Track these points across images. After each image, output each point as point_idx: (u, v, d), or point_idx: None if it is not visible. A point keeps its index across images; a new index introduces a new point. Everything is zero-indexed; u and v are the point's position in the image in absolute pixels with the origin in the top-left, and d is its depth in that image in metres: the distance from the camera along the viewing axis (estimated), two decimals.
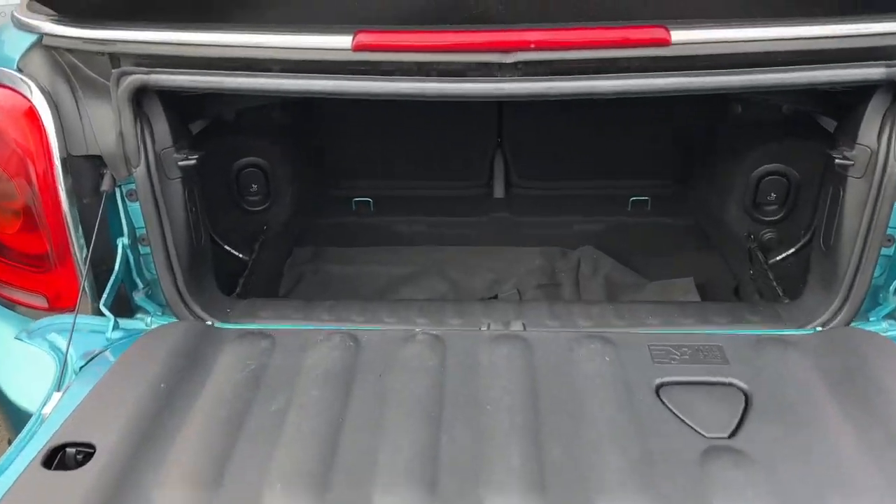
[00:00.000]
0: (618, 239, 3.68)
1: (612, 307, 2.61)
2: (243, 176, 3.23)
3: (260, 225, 3.31)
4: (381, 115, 3.51)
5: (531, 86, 2.16)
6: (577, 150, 3.65)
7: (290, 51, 2.22)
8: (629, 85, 2.16)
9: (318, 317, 2.56)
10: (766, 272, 3.00)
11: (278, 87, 2.24)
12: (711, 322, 2.52)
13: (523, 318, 2.52)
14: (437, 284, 3.54)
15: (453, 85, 2.16)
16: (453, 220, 3.71)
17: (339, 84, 2.20)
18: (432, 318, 2.54)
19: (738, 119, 3.26)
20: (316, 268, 3.64)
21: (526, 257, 3.62)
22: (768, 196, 3.13)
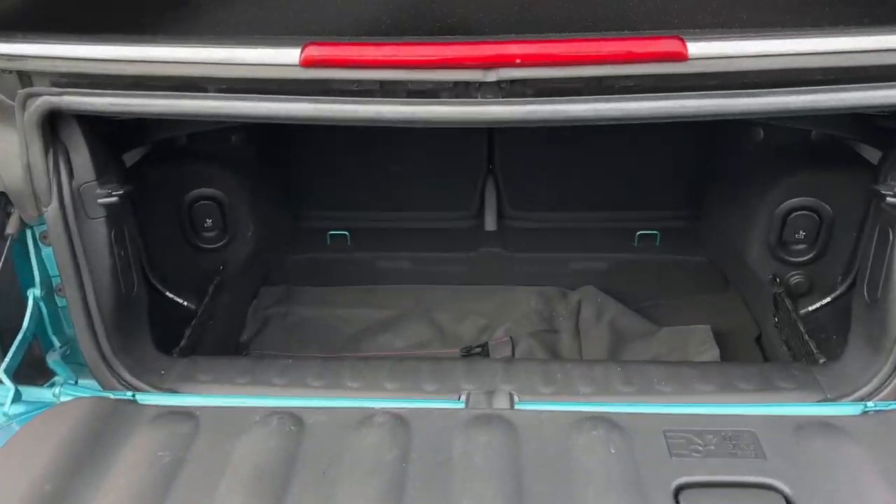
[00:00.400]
0: (623, 278, 3.28)
1: (618, 369, 2.21)
2: (196, 210, 2.84)
3: (216, 264, 2.92)
4: (358, 139, 3.15)
5: (517, 109, 1.77)
6: (578, 177, 3.29)
7: (229, 67, 1.84)
8: (635, 109, 1.77)
9: (267, 380, 2.18)
10: (796, 323, 2.59)
11: (214, 111, 1.86)
12: (736, 390, 2.13)
13: (512, 383, 2.14)
14: (420, 330, 3.15)
15: (424, 108, 1.78)
16: (439, 256, 3.33)
17: (284, 107, 1.81)
18: (403, 383, 2.15)
19: (759, 146, 2.86)
20: (285, 310, 3.24)
21: (520, 299, 3.23)
22: (796, 234, 2.73)
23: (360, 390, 2.12)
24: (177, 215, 2.82)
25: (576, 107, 1.76)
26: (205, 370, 2.24)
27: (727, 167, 3.01)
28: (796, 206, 2.70)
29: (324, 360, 2.29)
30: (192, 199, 2.82)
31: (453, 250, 3.34)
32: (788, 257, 2.79)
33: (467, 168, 3.29)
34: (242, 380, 2.19)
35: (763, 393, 2.12)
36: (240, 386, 2.16)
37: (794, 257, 2.78)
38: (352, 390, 2.12)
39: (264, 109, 1.81)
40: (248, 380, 2.19)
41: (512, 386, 2.13)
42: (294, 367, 2.24)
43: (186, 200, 2.82)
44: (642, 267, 3.28)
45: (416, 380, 2.17)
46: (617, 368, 2.22)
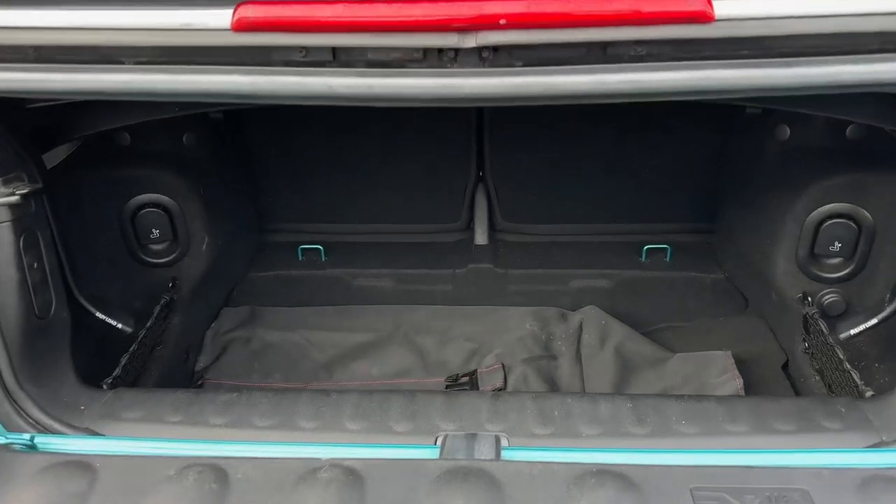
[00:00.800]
0: (630, 298, 2.93)
1: (629, 405, 1.84)
2: (141, 218, 2.48)
3: (165, 282, 2.55)
4: (332, 140, 2.83)
5: (502, 83, 1.41)
6: (579, 185, 2.99)
7: (147, 34, 1.49)
8: (649, 82, 1.42)
9: (204, 419, 1.81)
10: (833, 349, 2.22)
11: (129, 87, 1.51)
12: (773, 431, 1.77)
13: (500, 423, 1.79)
14: (401, 357, 2.78)
15: (385, 81, 1.42)
16: (423, 274, 2.98)
17: (212, 81, 1.46)
18: (369, 422, 1.78)
19: (786, 145, 2.52)
20: (248, 334, 2.86)
21: (513, 321, 2.87)
22: (830, 246, 2.38)
23: (314, 432, 1.75)
24: (118, 224, 2.46)
25: (576, 79, 1.40)
26: (132, 406, 1.88)
27: (748, 171, 2.67)
28: (830, 214, 2.35)
29: (277, 394, 1.92)
30: (135, 207, 2.47)
31: (439, 267, 2.99)
32: (821, 273, 2.44)
33: (455, 175, 2.99)
34: (174, 418, 1.83)
35: (806, 435, 1.76)
36: (170, 426, 1.80)
37: (828, 273, 2.43)
38: (305, 432, 1.75)
39: (188, 84, 1.46)
40: (182, 418, 1.82)
41: (500, 426, 1.77)
42: (239, 403, 1.87)
43: (129, 207, 2.46)
44: (651, 285, 2.93)
45: (384, 418, 1.81)
46: (627, 404, 1.85)
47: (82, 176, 2.30)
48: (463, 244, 3.12)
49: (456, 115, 2.83)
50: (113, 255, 2.47)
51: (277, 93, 1.44)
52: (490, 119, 2.85)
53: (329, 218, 3.08)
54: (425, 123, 2.82)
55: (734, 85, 1.42)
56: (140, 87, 1.49)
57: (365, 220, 3.08)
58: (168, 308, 2.54)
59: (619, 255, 3.01)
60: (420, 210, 3.06)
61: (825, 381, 2.34)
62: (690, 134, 2.80)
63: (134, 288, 2.53)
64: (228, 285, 2.94)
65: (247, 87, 1.45)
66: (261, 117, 2.79)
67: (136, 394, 1.93)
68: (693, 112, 2.75)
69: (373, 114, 2.80)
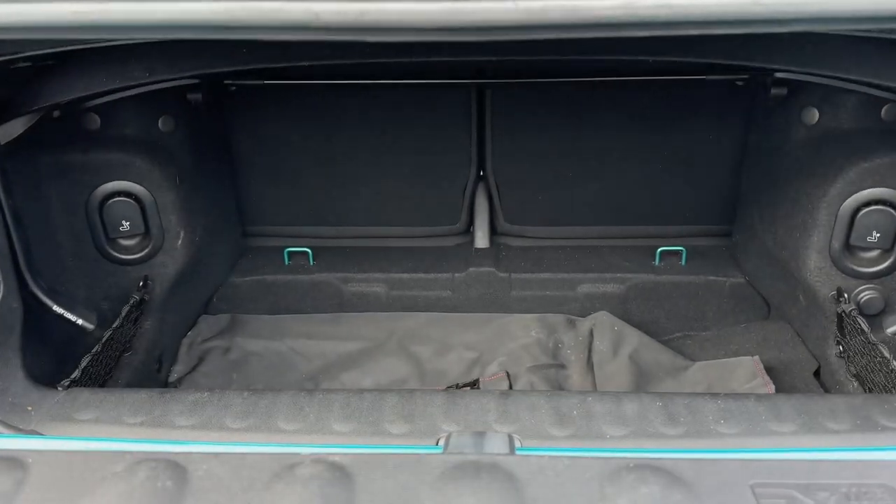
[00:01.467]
0: (643, 305, 2.71)
1: (658, 403, 1.61)
2: (110, 208, 2.25)
3: (134, 280, 2.31)
4: (322, 134, 2.62)
5: (516, 6, 1.21)
6: (586, 184, 2.80)
7: None
8: (689, 5, 1.21)
9: (169, 420, 1.57)
10: (876, 349, 1.99)
11: (73, 20, 1.29)
12: (825, 430, 1.54)
13: (511, 423, 1.55)
14: (395, 366, 2.55)
15: (382, 5, 1.21)
16: (419, 278, 2.75)
17: (177, 9, 1.24)
18: (359, 424, 1.55)
19: (814, 130, 2.32)
20: (227, 343, 2.62)
21: (518, 328, 2.64)
22: (868, 236, 2.16)
23: (296, 434, 1.50)
24: (83, 214, 2.22)
25: (602, 3, 1.20)
26: (86, 407, 1.63)
27: (773, 161, 2.46)
28: (868, 200, 2.15)
29: (254, 394, 1.67)
30: (103, 195, 2.24)
31: (436, 271, 2.77)
32: (857, 267, 2.22)
33: (453, 173, 2.79)
34: (135, 419, 1.58)
35: (863, 434, 1.52)
36: (129, 427, 1.55)
37: (865, 267, 2.22)
38: (285, 434, 1.50)
39: (149, 14, 1.25)
40: (144, 419, 1.58)
41: (511, 426, 1.54)
42: (210, 404, 1.63)
43: (96, 196, 2.24)
44: (665, 291, 2.70)
45: (377, 419, 1.57)
46: (656, 403, 1.62)
47: (43, 159, 2.09)
48: (462, 248, 2.91)
49: (455, 105, 2.64)
50: (77, 248, 2.23)
51: (255, 22, 1.23)
52: (492, 112, 2.66)
53: (318, 219, 2.86)
54: (421, 115, 2.63)
55: (787, 12, 1.21)
56: (90, 20, 1.27)
57: (356, 221, 2.87)
58: (138, 309, 2.30)
59: (631, 259, 2.80)
60: (416, 211, 2.85)
61: (864, 385, 2.11)
62: (707, 124, 2.61)
63: (101, 285, 2.29)
64: (207, 290, 2.70)
65: (220, 15, 1.24)
66: (244, 103, 2.59)
67: (93, 394, 1.68)
68: (710, 99, 2.57)
69: (366, 102, 2.67)
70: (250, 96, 2.56)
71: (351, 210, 2.85)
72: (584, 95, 2.59)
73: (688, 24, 1.23)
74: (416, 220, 2.88)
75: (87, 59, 1.79)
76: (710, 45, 1.69)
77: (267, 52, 1.73)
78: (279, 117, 2.63)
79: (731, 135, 2.63)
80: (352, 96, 2.59)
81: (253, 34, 1.27)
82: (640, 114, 2.61)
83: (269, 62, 1.75)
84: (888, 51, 1.74)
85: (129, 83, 1.80)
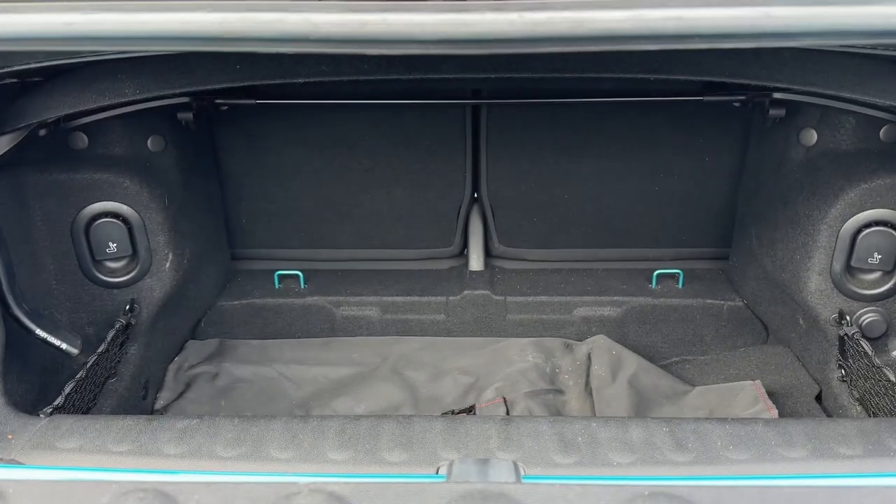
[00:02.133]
0: (641, 329, 2.67)
1: (664, 428, 1.56)
2: (96, 230, 2.19)
3: (121, 303, 2.25)
4: (313, 156, 2.58)
5: (521, 18, 1.17)
6: (582, 206, 2.77)
7: None
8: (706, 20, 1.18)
9: (157, 448, 1.50)
10: (881, 372, 1.96)
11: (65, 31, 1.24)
12: (835, 455, 1.49)
13: (514, 451, 1.50)
14: (388, 392, 2.48)
15: (383, 16, 1.17)
16: (413, 302, 2.70)
17: (172, 20, 1.20)
18: (357, 452, 1.49)
19: (813, 151, 2.31)
20: (216, 369, 2.55)
21: (514, 353, 2.60)
22: (869, 258, 2.14)
23: (289, 462, 1.44)
24: (69, 235, 2.16)
25: (610, 15, 1.17)
26: (69, 434, 1.56)
27: (771, 182, 2.45)
28: (868, 222, 2.13)
29: (245, 421, 1.61)
30: (90, 216, 2.18)
31: (430, 294, 2.71)
32: (858, 289, 2.20)
33: (447, 195, 2.75)
34: (120, 447, 1.51)
35: (875, 459, 1.48)
36: (115, 456, 1.48)
37: (867, 289, 2.19)
38: (278, 462, 1.44)
39: (142, 25, 1.20)
40: (130, 447, 1.51)
41: (514, 454, 1.49)
42: (199, 431, 1.56)
43: (83, 217, 2.17)
44: (662, 314, 2.67)
45: (373, 447, 1.51)
46: (663, 428, 1.57)
47: (28, 178, 2.03)
48: (456, 271, 2.86)
49: (449, 126, 2.61)
50: (62, 270, 2.17)
51: (251, 34, 1.19)
52: (486, 133, 2.64)
53: (309, 241, 2.81)
54: (416, 137, 2.60)
55: (799, 26, 1.19)
56: (82, 31, 1.23)
57: (349, 243, 2.82)
58: (124, 334, 2.23)
59: (628, 282, 2.76)
60: (409, 234, 2.81)
61: (868, 410, 2.08)
62: (704, 146, 2.59)
63: (86, 309, 2.22)
64: (195, 314, 2.63)
65: (215, 26, 1.20)
66: (235, 123, 2.54)
67: (76, 421, 1.61)
68: (707, 121, 2.56)
69: (359, 123, 2.63)
70: (241, 116, 2.52)
71: (343, 232, 2.80)
72: (580, 117, 2.57)
73: (697, 37, 1.20)
74: (409, 242, 2.83)
75: (75, 75, 1.74)
76: (712, 62, 1.67)
77: (261, 69, 1.69)
78: (271, 137, 2.58)
79: (728, 157, 2.61)
80: (344, 116, 2.55)
81: (250, 46, 1.23)
82: (637, 135, 2.60)
83: (264, 79, 1.71)
84: (890, 70, 1.73)
85: (118, 101, 1.75)
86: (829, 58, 1.70)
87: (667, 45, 1.21)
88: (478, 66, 1.64)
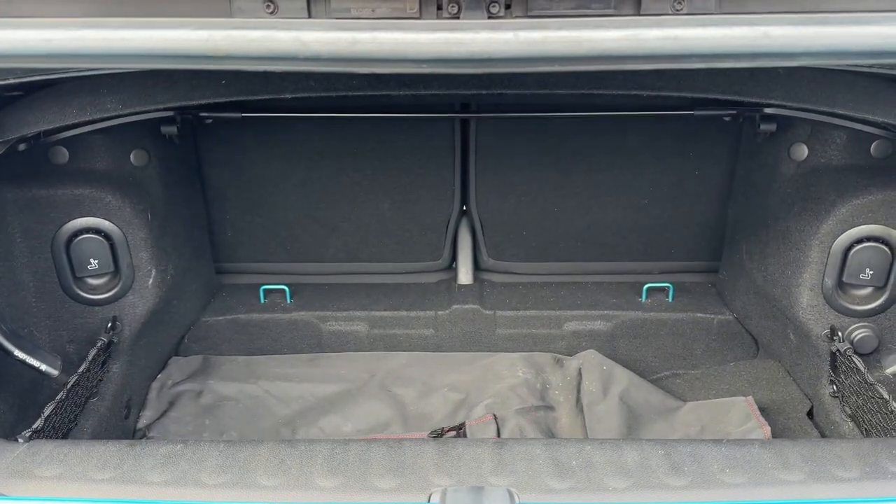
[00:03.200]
0: (631, 343, 2.66)
1: (660, 451, 1.54)
2: (77, 246, 2.14)
3: (103, 322, 2.20)
4: (300, 168, 2.54)
5: (515, 37, 1.15)
6: (572, 219, 2.75)
7: None
8: (702, 39, 1.16)
9: (140, 476, 1.46)
10: (874, 388, 1.95)
11: (48, 49, 1.20)
12: (833, 478, 1.48)
13: (507, 476, 1.47)
14: (377, 409, 2.45)
15: (374, 35, 1.14)
16: (401, 316, 2.67)
17: (156, 37, 1.16)
18: (345, 479, 1.45)
19: (804, 166, 2.30)
20: (200, 387, 2.51)
21: (504, 368, 2.57)
22: (861, 273, 2.13)
23: (277, 490, 1.40)
24: (49, 252, 2.11)
25: (606, 34, 1.14)
26: (49, 461, 1.51)
27: (761, 197, 2.44)
28: (859, 237, 2.13)
29: (231, 447, 1.56)
30: (71, 232, 2.13)
31: (419, 308, 2.68)
32: (850, 305, 2.19)
33: (436, 208, 2.73)
34: (102, 475, 1.46)
35: (874, 482, 1.46)
36: (96, 484, 1.44)
37: (859, 305, 2.19)
38: (265, 490, 1.40)
39: (126, 42, 1.16)
40: (112, 475, 1.46)
41: (508, 479, 1.46)
42: (184, 458, 1.52)
43: (63, 233, 2.12)
44: (653, 328, 2.65)
45: (364, 473, 1.47)
46: (658, 451, 1.54)
47: (7, 194, 1.98)
48: (445, 285, 2.83)
49: (438, 139, 2.58)
50: (42, 287, 2.11)
51: (238, 52, 1.16)
52: (475, 147, 2.61)
53: (296, 255, 2.77)
54: (404, 150, 2.57)
55: (797, 46, 1.17)
56: (65, 48, 1.19)
57: (336, 257, 2.78)
58: (106, 353, 2.18)
59: (618, 296, 2.74)
60: (397, 247, 2.78)
61: (860, 426, 2.07)
62: (695, 160, 2.58)
63: (66, 327, 2.17)
64: (178, 330, 2.58)
65: (200, 44, 1.16)
66: (220, 136, 2.50)
67: (57, 447, 1.56)
68: (697, 135, 2.55)
69: (346, 136, 2.60)
70: (227, 129, 2.48)
71: (330, 245, 2.76)
72: (569, 130, 2.56)
73: (694, 57, 1.18)
74: (397, 256, 2.80)
75: (56, 90, 1.70)
76: (706, 79, 1.66)
77: (247, 84, 1.66)
78: (255, 151, 2.55)
79: (719, 171, 2.60)
80: (332, 129, 2.52)
81: (237, 65, 1.19)
82: (627, 148, 2.58)
83: (250, 94, 1.67)
84: (883, 87, 1.72)
85: (100, 116, 1.71)
86: (822, 75, 1.69)
87: (664, 64, 1.19)
88: (470, 83, 1.62)
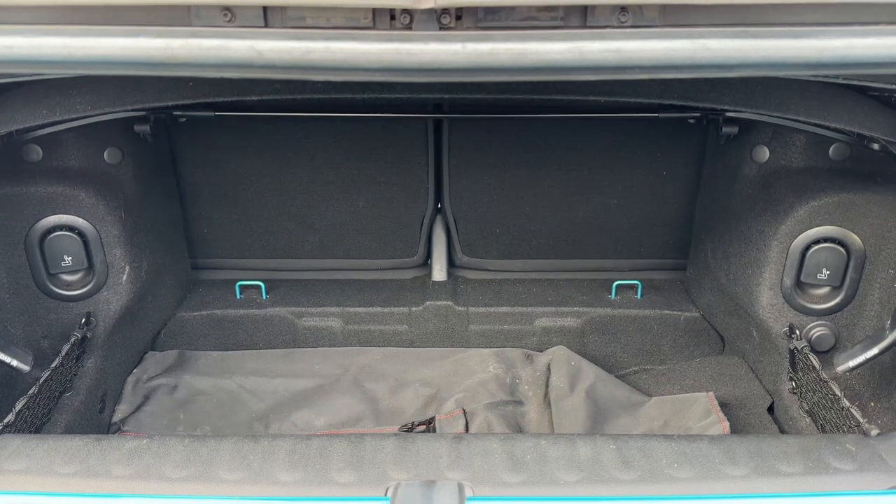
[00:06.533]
0: (600, 339, 2.70)
1: (612, 446, 1.59)
2: (51, 243, 2.17)
3: (76, 317, 2.23)
4: (274, 165, 2.57)
5: (464, 48, 1.19)
6: (544, 218, 2.80)
7: None
8: (640, 51, 1.20)
9: (105, 470, 1.50)
10: (827, 386, 2.01)
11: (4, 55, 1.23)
12: (777, 472, 1.53)
13: (463, 470, 1.52)
14: (349, 404, 2.49)
15: (327, 45, 1.18)
16: (375, 312, 2.70)
17: (113, 45, 1.20)
18: (307, 473, 1.50)
19: (765, 167, 2.36)
20: (175, 381, 2.54)
21: (475, 363, 2.61)
22: (818, 273, 2.19)
23: (238, 484, 1.44)
24: (22, 249, 2.14)
25: (551, 47, 1.19)
26: (16, 455, 1.54)
27: (725, 198, 2.49)
28: (816, 238, 2.18)
29: (195, 441, 1.60)
30: (44, 230, 2.16)
31: (392, 305, 2.72)
32: (808, 304, 2.25)
33: (410, 206, 2.77)
34: (68, 468, 1.50)
35: (815, 477, 1.51)
36: (61, 478, 1.47)
37: (816, 304, 2.24)
38: (226, 485, 1.44)
39: (84, 50, 1.20)
40: (78, 469, 1.50)
41: (463, 473, 1.50)
42: (149, 452, 1.56)
43: (37, 230, 2.15)
44: (622, 324, 2.70)
45: (324, 467, 1.51)
46: (610, 446, 1.59)
47: None
48: (419, 281, 2.88)
49: (412, 138, 2.62)
50: (15, 283, 2.14)
51: (195, 60, 1.19)
52: (449, 146, 2.65)
53: (271, 251, 2.80)
54: (378, 148, 2.61)
55: (734, 58, 1.22)
56: (21, 55, 1.22)
57: (311, 254, 2.82)
58: (80, 348, 2.21)
59: (588, 293, 2.79)
60: (372, 244, 2.82)
61: (816, 422, 2.13)
62: (662, 161, 2.63)
63: (40, 323, 2.20)
64: (154, 325, 2.61)
65: (158, 52, 1.19)
66: (194, 134, 2.53)
67: (25, 442, 1.59)
68: (665, 135, 2.60)
69: (321, 133, 2.63)
70: (200, 127, 2.51)
71: (306, 242, 2.80)
72: (542, 131, 2.60)
73: (636, 68, 1.23)
74: (372, 252, 2.84)
75: (25, 91, 1.72)
76: (660, 86, 1.71)
77: (214, 87, 1.69)
78: (230, 148, 2.58)
79: (685, 171, 2.65)
80: (306, 128, 2.55)
81: (195, 71, 1.23)
82: (596, 149, 2.63)
83: (217, 96, 1.71)
84: (833, 93, 1.77)
85: (70, 116, 1.73)
86: (775, 81, 1.74)
87: (607, 75, 1.24)
88: (431, 87, 1.66)
